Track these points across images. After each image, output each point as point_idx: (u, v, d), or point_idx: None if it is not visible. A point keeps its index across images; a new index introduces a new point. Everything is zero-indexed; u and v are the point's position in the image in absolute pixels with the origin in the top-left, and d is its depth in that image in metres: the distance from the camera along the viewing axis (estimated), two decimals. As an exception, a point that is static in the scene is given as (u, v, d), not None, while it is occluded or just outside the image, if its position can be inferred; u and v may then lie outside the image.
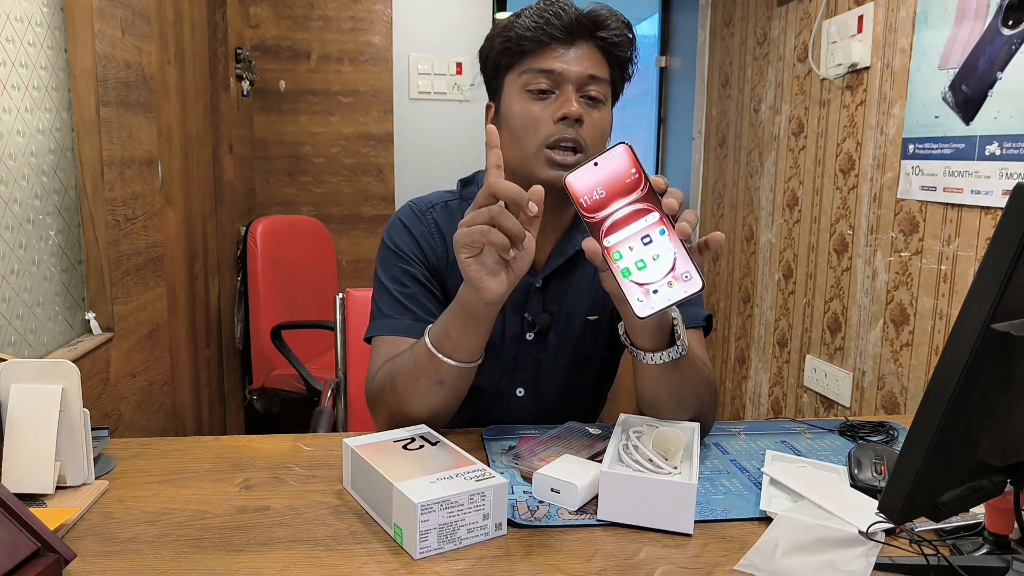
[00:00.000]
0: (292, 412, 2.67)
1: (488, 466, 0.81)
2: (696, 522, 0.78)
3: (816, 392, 2.14)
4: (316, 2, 2.93)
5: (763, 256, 2.46)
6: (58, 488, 0.82)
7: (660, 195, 0.75)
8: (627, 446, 0.85)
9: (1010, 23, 1.43)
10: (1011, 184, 1.44)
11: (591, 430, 1.00)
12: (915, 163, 1.70)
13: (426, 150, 3.07)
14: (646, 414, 0.99)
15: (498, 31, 1.06)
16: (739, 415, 2.64)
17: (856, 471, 0.89)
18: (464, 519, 0.73)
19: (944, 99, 1.60)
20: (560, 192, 1.03)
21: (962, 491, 0.65)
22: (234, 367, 2.61)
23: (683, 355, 0.91)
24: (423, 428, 0.91)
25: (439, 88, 3.04)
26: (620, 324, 0.93)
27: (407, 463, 0.80)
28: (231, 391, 2.56)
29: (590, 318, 1.12)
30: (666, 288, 0.74)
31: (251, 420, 2.76)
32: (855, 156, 1.95)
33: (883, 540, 0.73)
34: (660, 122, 3.44)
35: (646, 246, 0.75)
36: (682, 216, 0.77)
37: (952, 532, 0.76)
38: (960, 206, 1.57)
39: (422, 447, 0.85)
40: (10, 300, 1.17)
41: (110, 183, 1.40)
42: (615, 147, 0.75)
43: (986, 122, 1.49)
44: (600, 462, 0.84)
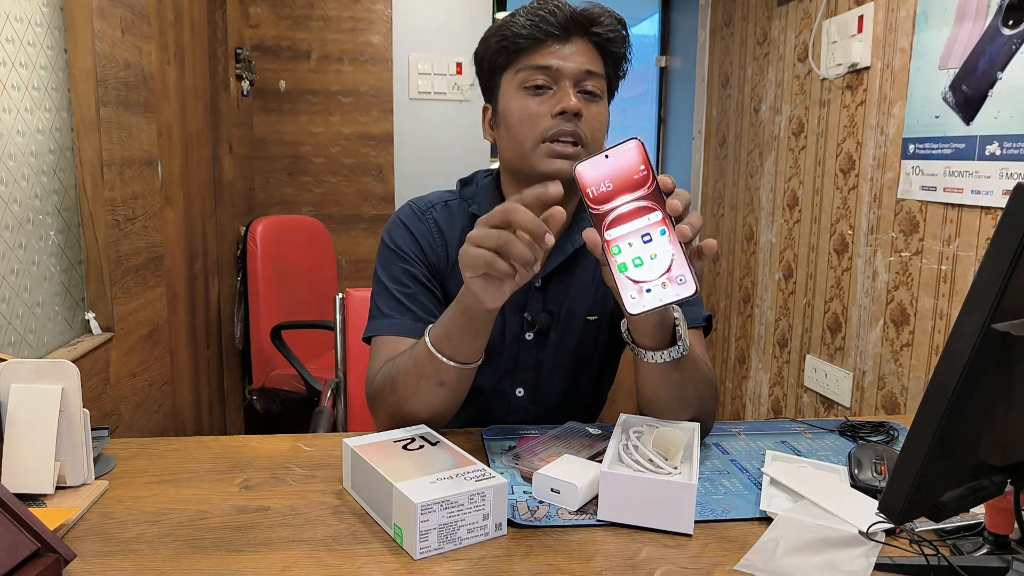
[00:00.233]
0: (292, 412, 2.67)
1: (488, 466, 0.81)
2: (696, 522, 0.78)
3: (816, 392, 2.14)
4: (316, 2, 2.93)
5: (763, 256, 2.46)
6: (58, 488, 0.82)
7: (666, 195, 0.75)
8: (627, 446, 0.85)
9: (1010, 23, 1.43)
10: (1011, 184, 1.44)
11: (591, 430, 1.00)
12: (915, 163, 1.70)
13: (426, 150, 3.07)
14: (646, 413, 0.99)
15: (493, 31, 1.06)
16: (739, 415, 2.64)
17: (856, 471, 0.89)
18: (464, 519, 0.73)
19: (944, 99, 1.60)
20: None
21: (962, 491, 0.65)
22: (234, 367, 2.61)
23: (684, 355, 0.91)
24: (423, 428, 0.91)
25: (439, 88, 3.04)
26: (623, 322, 0.93)
27: (407, 463, 0.80)
28: (231, 391, 2.56)
29: (590, 318, 1.12)
30: (660, 288, 0.74)
31: (251, 420, 2.76)
32: (855, 156, 1.95)
33: (883, 540, 0.73)
34: (660, 122, 3.44)
35: (645, 244, 0.74)
36: (686, 219, 0.76)
37: (952, 532, 0.76)
38: (960, 206, 1.57)
39: (422, 447, 0.85)
40: (10, 300, 1.17)
41: (110, 183, 1.40)
42: (627, 141, 0.74)
43: (986, 122, 1.49)
44: (600, 462, 0.84)
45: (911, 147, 1.71)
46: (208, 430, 2.27)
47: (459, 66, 3.04)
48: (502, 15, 3.06)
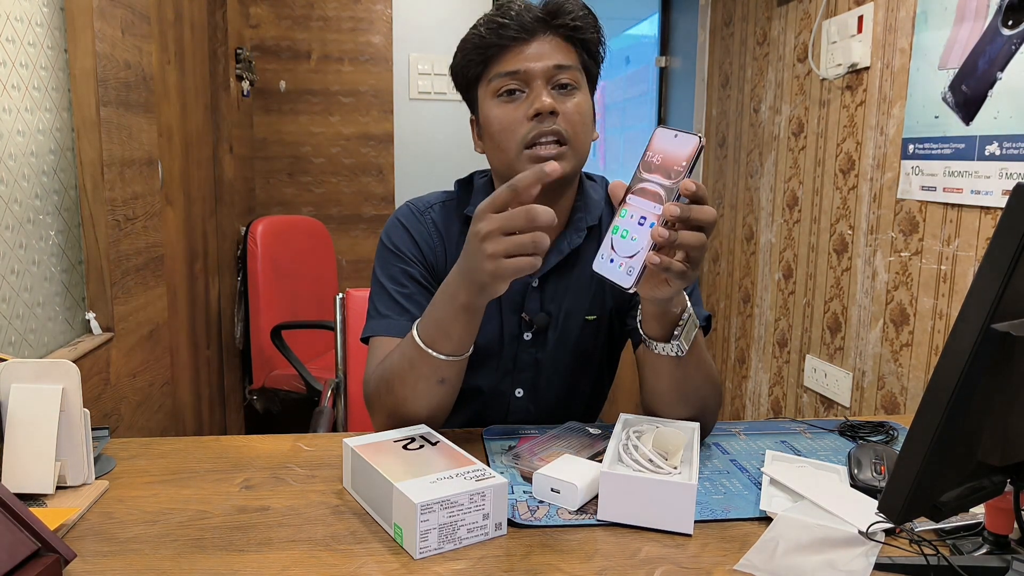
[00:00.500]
0: (292, 412, 2.67)
1: (488, 466, 0.81)
2: (696, 522, 0.78)
3: (816, 392, 2.14)
4: (316, 2, 2.93)
5: (763, 256, 2.46)
6: (58, 488, 0.82)
7: (677, 196, 0.78)
8: (627, 446, 0.85)
9: (1010, 23, 1.43)
10: (1011, 184, 1.44)
11: (591, 430, 1.00)
12: (915, 163, 1.70)
13: (426, 150, 3.07)
14: (647, 406, 1.00)
15: (460, 45, 1.07)
16: (739, 415, 2.64)
17: (856, 471, 0.89)
18: (464, 519, 0.73)
19: (944, 99, 1.60)
20: (552, 188, 1.03)
21: (962, 491, 0.65)
22: (234, 367, 2.61)
23: (680, 355, 0.91)
24: (423, 428, 0.91)
25: (439, 88, 3.04)
26: (637, 310, 0.94)
27: (407, 463, 0.80)
28: (231, 391, 2.56)
29: (589, 318, 1.12)
30: (615, 266, 0.80)
31: (251, 420, 2.76)
32: (855, 156, 1.95)
33: (883, 540, 0.73)
34: (660, 122, 3.44)
35: (638, 225, 0.79)
36: (669, 229, 0.77)
37: (952, 532, 0.76)
38: (960, 206, 1.57)
39: (422, 447, 0.85)
40: (10, 300, 1.17)
41: (110, 183, 1.40)
42: (695, 135, 0.78)
43: (986, 122, 1.49)
44: (600, 462, 0.84)
45: (911, 147, 1.71)
46: (208, 430, 2.27)
47: (459, 66, 3.04)
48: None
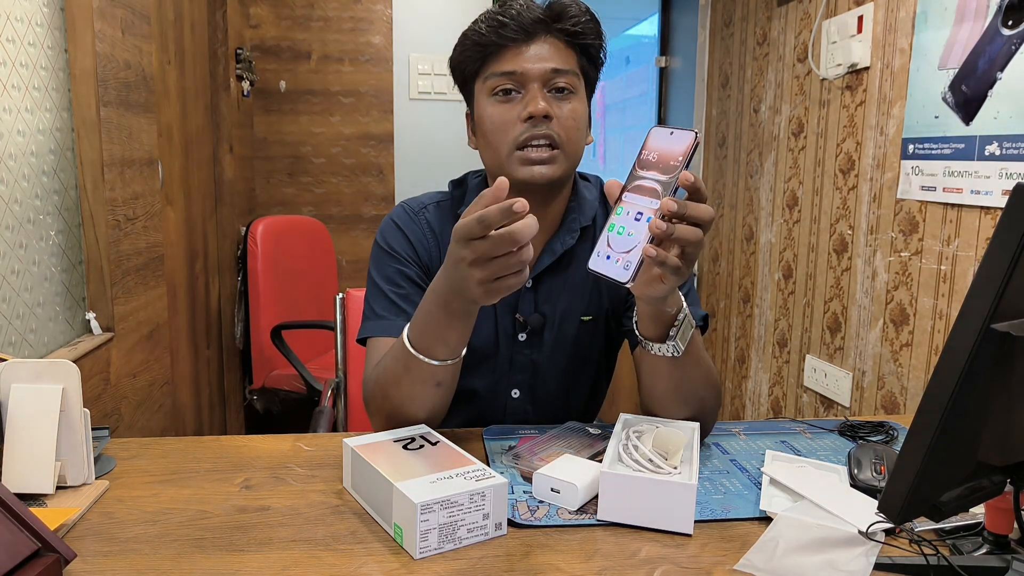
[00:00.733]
0: (292, 412, 2.67)
1: (488, 466, 0.81)
2: (696, 522, 0.78)
3: (816, 392, 2.14)
4: (316, 2, 2.93)
5: (763, 256, 2.46)
6: (58, 488, 0.82)
7: (675, 191, 0.77)
8: (627, 446, 0.85)
9: (1010, 23, 1.43)
10: (1011, 184, 1.44)
11: (591, 430, 1.00)
12: (915, 163, 1.70)
13: (426, 150, 3.07)
14: (645, 406, 1.00)
15: (460, 39, 1.06)
16: (739, 415, 2.64)
17: (856, 471, 0.89)
18: (464, 519, 0.73)
19: (944, 99, 1.60)
20: (543, 190, 1.03)
21: (962, 491, 0.65)
22: (234, 367, 2.61)
23: (676, 355, 0.91)
24: (423, 428, 0.91)
25: (439, 88, 3.04)
26: (633, 311, 0.94)
27: (407, 463, 0.80)
28: (231, 391, 2.56)
29: (584, 318, 1.12)
30: (612, 262, 0.79)
31: (251, 420, 2.76)
32: (855, 156, 1.95)
33: (883, 540, 0.73)
34: (660, 122, 3.44)
35: (635, 221, 0.79)
36: (666, 223, 0.76)
37: (952, 532, 0.76)
38: (960, 206, 1.57)
39: (422, 447, 0.85)
40: (10, 300, 1.17)
41: (110, 183, 1.40)
42: (690, 131, 0.78)
43: (986, 122, 1.49)
44: (600, 462, 0.84)
45: (911, 147, 1.71)
46: (208, 430, 2.27)
47: (459, 66, 3.04)
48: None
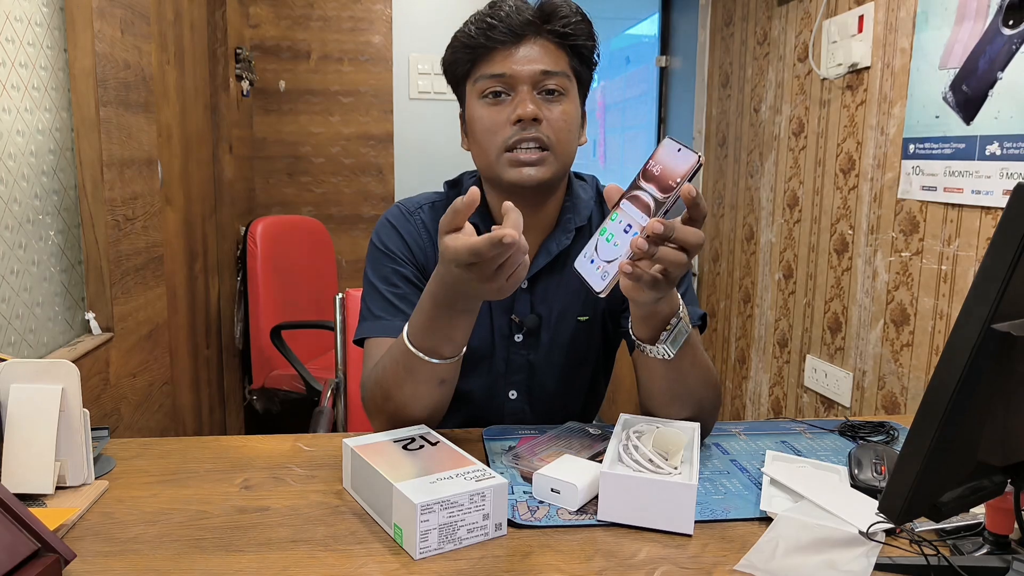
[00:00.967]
0: (292, 412, 2.67)
1: (488, 466, 0.81)
2: (696, 522, 0.78)
3: (816, 392, 2.14)
4: (316, 2, 2.93)
5: (763, 256, 2.46)
6: (58, 488, 0.82)
7: (666, 212, 0.78)
8: (627, 446, 0.85)
9: (1010, 23, 1.43)
10: (1011, 184, 1.44)
11: (591, 430, 1.00)
12: (915, 163, 1.70)
13: (426, 150, 3.07)
14: (644, 407, 1.00)
15: (451, 41, 1.05)
16: (739, 415, 2.64)
17: (856, 471, 0.89)
18: (464, 519, 0.73)
19: (944, 99, 1.60)
20: (535, 192, 1.03)
21: (962, 491, 0.65)
22: (234, 367, 2.61)
23: (667, 359, 0.91)
24: (423, 428, 0.91)
25: (439, 88, 3.04)
26: (627, 313, 0.94)
27: (407, 463, 0.80)
28: (231, 391, 2.56)
29: (581, 319, 1.12)
30: (593, 267, 0.82)
31: (251, 420, 2.76)
32: (855, 156, 1.95)
33: (883, 540, 0.73)
34: (660, 122, 3.44)
35: (624, 232, 0.80)
36: (648, 244, 0.77)
37: (952, 532, 0.76)
38: (960, 206, 1.57)
39: (422, 447, 0.85)
40: (10, 300, 1.17)
41: (110, 183, 1.40)
42: (695, 153, 0.79)
43: (986, 122, 1.49)
44: (600, 462, 0.84)
45: (911, 147, 1.71)
46: (208, 430, 2.27)
47: (459, 66, 3.04)
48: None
